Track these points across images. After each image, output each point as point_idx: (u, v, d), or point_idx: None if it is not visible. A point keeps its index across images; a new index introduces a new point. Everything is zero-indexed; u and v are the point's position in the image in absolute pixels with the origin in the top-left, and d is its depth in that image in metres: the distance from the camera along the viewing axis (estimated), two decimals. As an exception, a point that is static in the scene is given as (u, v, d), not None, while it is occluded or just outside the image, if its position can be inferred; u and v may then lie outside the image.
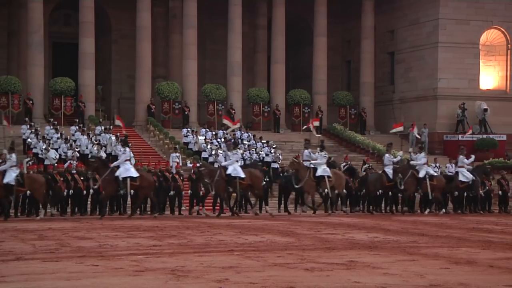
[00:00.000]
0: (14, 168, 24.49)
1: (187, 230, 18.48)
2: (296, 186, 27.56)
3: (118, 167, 25.33)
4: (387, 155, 30.51)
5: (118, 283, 9.28)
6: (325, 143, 30.97)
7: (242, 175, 26.17)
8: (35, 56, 39.59)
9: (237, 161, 26.82)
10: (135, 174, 25.34)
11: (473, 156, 31.89)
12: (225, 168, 26.14)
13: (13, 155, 24.60)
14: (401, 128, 41.12)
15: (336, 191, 28.08)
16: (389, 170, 29.63)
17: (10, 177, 24.14)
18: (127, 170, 25.18)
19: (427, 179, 29.01)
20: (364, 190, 30.09)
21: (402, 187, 29.01)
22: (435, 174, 29.65)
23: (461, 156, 30.61)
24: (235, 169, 26.14)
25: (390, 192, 30.18)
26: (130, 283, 9.31)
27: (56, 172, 26.74)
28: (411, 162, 29.67)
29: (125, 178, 25.11)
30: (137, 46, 41.64)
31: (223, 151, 29.11)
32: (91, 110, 40.18)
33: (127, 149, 25.88)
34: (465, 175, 30.12)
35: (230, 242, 14.96)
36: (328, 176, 27.46)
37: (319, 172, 27.32)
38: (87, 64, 40.47)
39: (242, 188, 26.65)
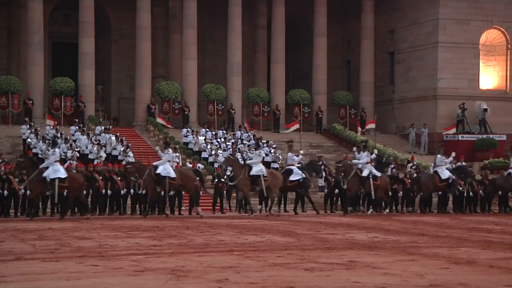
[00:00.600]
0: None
1: (187, 230, 18.48)
2: (230, 183, 27.33)
3: (47, 168, 24.84)
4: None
5: (118, 283, 9.28)
6: (325, 143, 30.95)
7: (173, 175, 26.04)
8: (35, 56, 39.59)
9: (169, 160, 26.63)
10: (63, 175, 24.91)
11: (453, 154, 31.72)
12: (156, 167, 26.05)
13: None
14: (372, 125, 41.01)
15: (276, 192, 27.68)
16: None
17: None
18: (56, 171, 24.75)
19: (371, 179, 28.32)
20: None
21: (345, 186, 28.51)
22: (379, 174, 28.65)
23: (439, 155, 30.52)
24: (165, 169, 26.00)
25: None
26: (130, 283, 9.31)
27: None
28: (353, 161, 29.12)
29: (53, 179, 24.68)
30: (137, 46, 41.64)
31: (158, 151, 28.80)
32: (91, 110, 40.18)
33: (57, 150, 25.52)
34: (443, 173, 29.97)
35: (230, 242, 14.96)
36: (264, 176, 26.94)
37: (254, 171, 26.85)
38: (87, 64, 40.47)
39: (173, 189, 26.63)
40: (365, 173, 28.33)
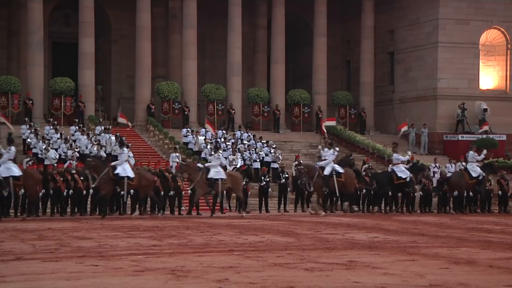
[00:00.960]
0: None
1: (187, 230, 18.48)
2: (189, 188, 26.99)
3: None
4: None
5: (118, 283, 9.28)
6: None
7: (131, 175, 25.92)
8: (35, 56, 39.58)
9: (126, 160, 26.44)
10: (17, 173, 24.73)
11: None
12: (114, 167, 25.95)
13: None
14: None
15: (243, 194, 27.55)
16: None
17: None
18: (9, 169, 24.56)
19: (334, 176, 27.46)
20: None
21: (312, 189, 27.72)
22: (342, 170, 27.73)
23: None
24: (124, 169, 25.85)
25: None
26: (130, 283, 9.31)
27: (56, 172, 26.74)
28: (318, 163, 28.37)
29: (6, 178, 24.52)
30: (137, 46, 41.64)
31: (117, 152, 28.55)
32: (91, 110, 40.17)
33: (12, 148, 25.23)
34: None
35: (230, 242, 14.96)
36: (222, 179, 26.63)
37: (211, 174, 26.53)
38: (87, 64, 40.46)
39: (132, 189, 26.38)
40: (327, 171, 27.48)
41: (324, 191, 27.42)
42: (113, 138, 33.42)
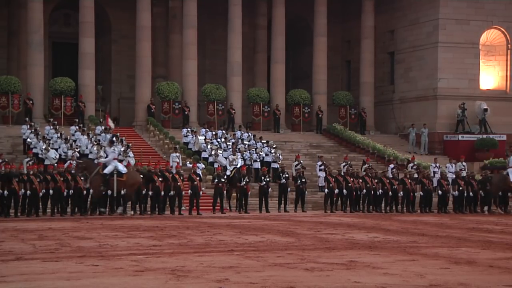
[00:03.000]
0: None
1: (187, 230, 18.48)
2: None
3: None
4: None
5: (118, 283, 9.29)
6: (325, 143, 30.87)
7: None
8: (35, 56, 39.57)
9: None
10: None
11: None
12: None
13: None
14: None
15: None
16: None
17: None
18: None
19: (115, 175, 26.32)
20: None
21: (88, 185, 26.32)
22: (124, 170, 26.75)
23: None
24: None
25: (390, 192, 30.39)
26: (130, 283, 9.31)
27: (56, 172, 26.75)
28: (101, 159, 27.71)
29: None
30: (137, 46, 41.62)
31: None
32: (91, 110, 40.16)
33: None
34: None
35: (230, 242, 14.96)
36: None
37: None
38: (87, 64, 40.45)
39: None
40: (108, 170, 26.44)
41: (102, 190, 26.36)
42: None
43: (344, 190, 29.97)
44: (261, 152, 34.74)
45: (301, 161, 33.06)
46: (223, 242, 15.10)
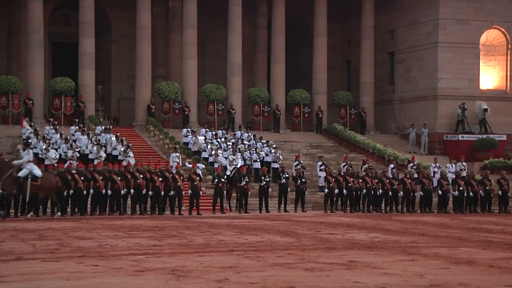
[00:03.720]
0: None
1: (187, 230, 18.48)
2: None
3: None
4: None
5: (118, 283, 9.28)
6: (325, 143, 30.85)
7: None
8: (35, 56, 39.58)
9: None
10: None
11: None
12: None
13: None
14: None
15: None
16: None
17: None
18: None
19: (29, 179, 25.33)
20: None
21: None
22: (40, 174, 25.69)
23: None
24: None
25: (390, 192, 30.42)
26: (130, 283, 9.31)
27: (56, 172, 26.73)
28: (14, 162, 26.77)
29: None
30: (137, 46, 41.63)
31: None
32: (91, 110, 40.17)
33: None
34: None
35: (230, 242, 14.96)
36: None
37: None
38: (87, 64, 40.46)
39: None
40: (22, 173, 25.45)
41: (15, 193, 25.62)
42: (113, 138, 33.45)
43: (344, 190, 30.00)
44: (261, 152, 34.73)
45: (301, 161, 33.07)
46: (223, 242, 15.09)
